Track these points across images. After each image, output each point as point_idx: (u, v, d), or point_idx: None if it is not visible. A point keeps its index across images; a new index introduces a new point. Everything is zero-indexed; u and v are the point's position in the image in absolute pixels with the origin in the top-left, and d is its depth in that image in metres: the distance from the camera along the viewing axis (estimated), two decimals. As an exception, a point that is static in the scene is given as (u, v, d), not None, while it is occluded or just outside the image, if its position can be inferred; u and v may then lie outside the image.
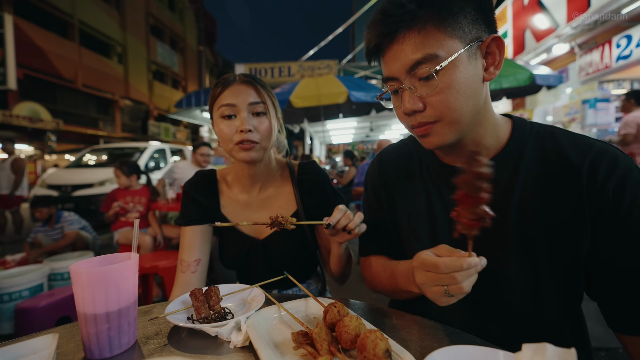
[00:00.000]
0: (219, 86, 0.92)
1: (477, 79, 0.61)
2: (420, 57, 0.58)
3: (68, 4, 15.07)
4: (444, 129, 0.62)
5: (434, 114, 0.61)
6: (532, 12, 7.47)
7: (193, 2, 26.23)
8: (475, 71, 0.60)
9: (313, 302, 0.68)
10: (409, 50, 0.59)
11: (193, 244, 0.95)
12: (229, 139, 0.89)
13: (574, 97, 6.84)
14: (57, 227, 3.32)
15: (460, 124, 0.61)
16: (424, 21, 0.58)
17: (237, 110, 0.89)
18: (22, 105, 12.40)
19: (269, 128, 0.91)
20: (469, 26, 0.59)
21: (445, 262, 0.51)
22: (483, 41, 0.61)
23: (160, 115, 22.57)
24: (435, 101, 0.59)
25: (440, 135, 0.62)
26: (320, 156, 12.29)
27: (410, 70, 0.60)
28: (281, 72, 11.90)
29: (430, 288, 0.54)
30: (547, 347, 0.39)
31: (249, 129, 0.87)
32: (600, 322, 0.63)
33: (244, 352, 0.54)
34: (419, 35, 0.58)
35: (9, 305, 2.21)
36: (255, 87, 0.91)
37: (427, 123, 0.62)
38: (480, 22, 0.60)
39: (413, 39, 0.59)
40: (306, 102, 4.98)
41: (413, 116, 0.63)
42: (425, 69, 0.58)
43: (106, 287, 0.54)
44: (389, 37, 0.61)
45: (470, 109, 0.61)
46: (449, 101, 0.59)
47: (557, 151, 0.63)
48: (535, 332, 0.66)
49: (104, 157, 7.62)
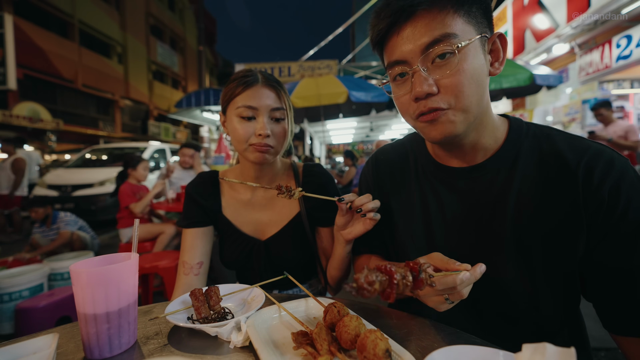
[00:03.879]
0: (240, 85, 0.89)
1: (485, 71, 0.62)
2: (438, 34, 0.57)
3: (68, 4, 15.07)
4: (454, 116, 0.60)
5: (446, 99, 0.59)
6: (532, 12, 7.47)
7: (193, 2, 26.23)
8: (484, 62, 0.61)
9: (313, 302, 0.68)
10: (426, 29, 0.58)
11: (195, 246, 0.95)
12: (244, 140, 0.88)
13: (574, 97, 6.84)
14: (53, 228, 3.32)
15: (469, 113, 0.60)
16: (444, 3, 0.58)
17: (258, 114, 0.88)
18: (22, 105, 12.40)
19: (285, 133, 0.92)
20: (479, 18, 0.60)
21: (440, 281, 0.51)
22: (489, 37, 0.62)
23: (160, 115, 22.57)
24: (449, 83, 0.58)
25: (450, 123, 0.60)
26: (320, 156, 12.29)
27: (427, 48, 0.58)
28: (281, 72, 11.90)
29: (430, 298, 0.55)
30: (546, 347, 0.39)
31: (268, 134, 0.87)
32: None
33: (244, 352, 0.54)
34: (439, 14, 0.58)
35: (9, 305, 2.21)
36: (277, 92, 0.91)
37: (439, 109, 0.59)
38: (485, 21, 0.62)
39: (432, 17, 0.58)
40: (306, 102, 4.98)
41: (424, 101, 0.60)
42: (443, 48, 0.57)
43: (106, 287, 0.54)
44: (407, 14, 0.59)
45: (478, 99, 0.60)
46: (464, 85, 0.58)
47: (553, 153, 0.63)
48: (533, 333, 0.66)
49: (103, 157, 7.62)
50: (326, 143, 14.74)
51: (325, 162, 12.96)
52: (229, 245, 1.00)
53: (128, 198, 3.16)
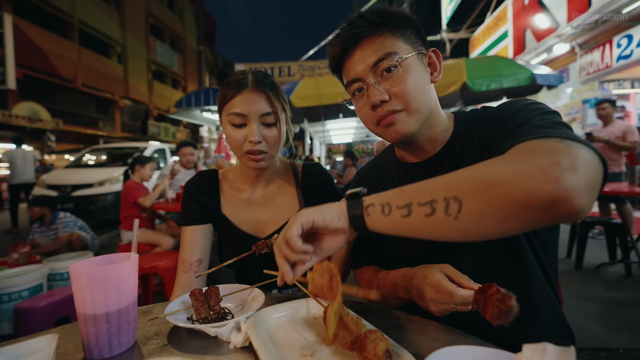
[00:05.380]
0: (231, 89, 0.88)
1: (427, 79, 0.73)
2: (382, 54, 0.69)
3: (68, 4, 15.06)
4: (408, 117, 0.70)
5: (398, 102, 0.69)
6: (533, 11, 7.48)
7: (193, 2, 26.20)
8: (424, 72, 0.73)
9: (313, 302, 0.68)
10: (371, 50, 0.70)
11: (194, 243, 0.95)
12: (238, 146, 0.89)
13: (575, 97, 6.85)
14: (52, 228, 3.32)
15: (420, 113, 0.70)
16: (382, 30, 0.70)
17: (248, 120, 0.88)
18: (22, 105, 12.40)
19: (278, 137, 0.91)
20: (413, 39, 0.73)
21: (463, 294, 0.57)
22: (424, 53, 0.74)
23: (160, 115, 22.57)
24: (398, 91, 0.69)
25: (405, 124, 0.70)
26: (321, 156, 12.29)
27: (374, 65, 0.69)
28: (281, 71, 11.90)
29: (439, 305, 0.61)
30: (546, 346, 0.39)
31: (258, 140, 0.87)
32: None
33: (244, 353, 0.54)
34: (379, 37, 0.70)
35: (8, 306, 2.21)
36: (268, 96, 0.89)
37: (394, 111, 0.70)
38: (419, 40, 0.74)
39: (374, 42, 0.70)
40: (306, 101, 4.99)
41: (380, 107, 0.70)
42: (387, 63, 0.69)
43: (106, 287, 0.54)
44: (354, 40, 0.71)
45: (426, 101, 0.71)
46: (410, 89, 0.68)
47: (480, 129, 0.72)
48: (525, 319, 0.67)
49: (103, 157, 7.62)
50: (326, 143, 14.74)
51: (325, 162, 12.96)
52: (228, 244, 1.00)
53: (136, 192, 3.16)
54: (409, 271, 0.70)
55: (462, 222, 0.46)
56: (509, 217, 0.43)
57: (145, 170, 3.34)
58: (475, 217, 0.45)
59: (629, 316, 2.13)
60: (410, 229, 0.51)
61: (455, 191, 0.47)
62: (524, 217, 0.43)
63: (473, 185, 0.46)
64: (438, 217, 0.47)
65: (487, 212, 0.44)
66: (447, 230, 0.47)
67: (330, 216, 0.55)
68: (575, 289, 2.67)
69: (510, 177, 0.43)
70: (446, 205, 0.46)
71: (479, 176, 0.46)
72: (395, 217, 0.51)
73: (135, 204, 3.14)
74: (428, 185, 0.51)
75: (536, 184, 0.41)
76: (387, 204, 0.52)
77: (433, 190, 0.49)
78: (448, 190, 0.47)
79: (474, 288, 0.56)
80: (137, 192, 3.15)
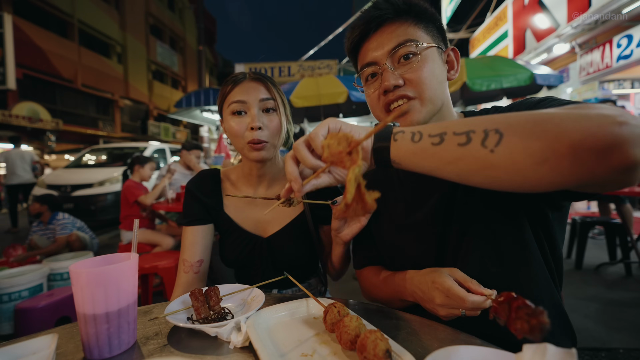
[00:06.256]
0: (229, 84, 0.93)
1: (444, 74, 0.73)
2: (402, 39, 0.68)
3: (68, 4, 15.06)
4: (421, 106, 0.69)
5: (412, 89, 0.68)
6: (533, 11, 7.48)
7: (193, 2, 26.21)
8: (442, 67, 0.72)
9: (313, 302, 0.68)
10: (392, 36, 0.69)
11: (195, 244, 0.95)
12: (240, 136, 0.90)
13: (575, 96, 6.85)
14: (50, 228, 3.32)
15: (433, 104, 0.69)
16: (406, 17, 0.70)
17: (248, 107, 0.90)
18: (22, 105, 12.39)
19: (279, 125, 0.92)
20: (434, 33, 0.72)
21: (474, 300, 0.56)
22: (444, 50, 0.74)
23: (160, 115, 22.55)
24: (413, 77, 0.68)
25: (417, 112, 0.69)
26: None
27: (393, 50, 0.69)
28: (281, 71, 11.89)
29: (448, 310, 0.60)
30: (547, 347, 0.38)
31: (259, 126, 0.88)
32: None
33: (244, 353, 0.54)
34: (402, 24, 0.70)
35: (8, 306, 2.21)
36: (265, 84, 0.93)
37: (405, 96, 0.68)
38: (440, 36, 0.73)
39: (397, 27, 0.70)
40: (306, 101, 4.98)
41: (392, 92, 0.69)
42: (406, 49, 0.68)
43: (106, 287, 0.54)
44: (376, 24, 0.70)
45: (440, 93, 0.70)
46: (426, 78, 0.67)
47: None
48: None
49: (103, 157, 7.61)
50: (326, 143, 14.71)
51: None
52: (230, 243, 0.99)
53: (136, 191, 3.16)
54: (415, 275, 0.68)
55: (497, 156, 0.40)
56: (552, 160, 0.38)
57: (144, 170, 3.34)
58: (515, 153, 0.40)
59: (629, 316, 2.13)
60: (437, 160, 0.46)
61: (499, 124, 0.42)
62: (570, 162, 0.38)
63: (521, 120, 0.41)
64: (472, 148, 0.43)
65: (530, 150, 0.39)
66: (477, 164, 0.42)
67: (358, 131, 0.52)
68: (575, 289, 2.67)
69: (567, 115, 0.39)
70: (484, 137, 0.42)
71: (529, 114, 0.42)
72: (425, 144, 0.47)
73: (136, 203, 3.14)
74: (469, 120, 0.46)
75: (595, 125, 0.37)
76: (418, 131, 0.49)
77: (473, 122, 0.45)
78: (490, 123, 0.43)
79: (484, 293, 0.55)
80: (137, 191, 3.15)
